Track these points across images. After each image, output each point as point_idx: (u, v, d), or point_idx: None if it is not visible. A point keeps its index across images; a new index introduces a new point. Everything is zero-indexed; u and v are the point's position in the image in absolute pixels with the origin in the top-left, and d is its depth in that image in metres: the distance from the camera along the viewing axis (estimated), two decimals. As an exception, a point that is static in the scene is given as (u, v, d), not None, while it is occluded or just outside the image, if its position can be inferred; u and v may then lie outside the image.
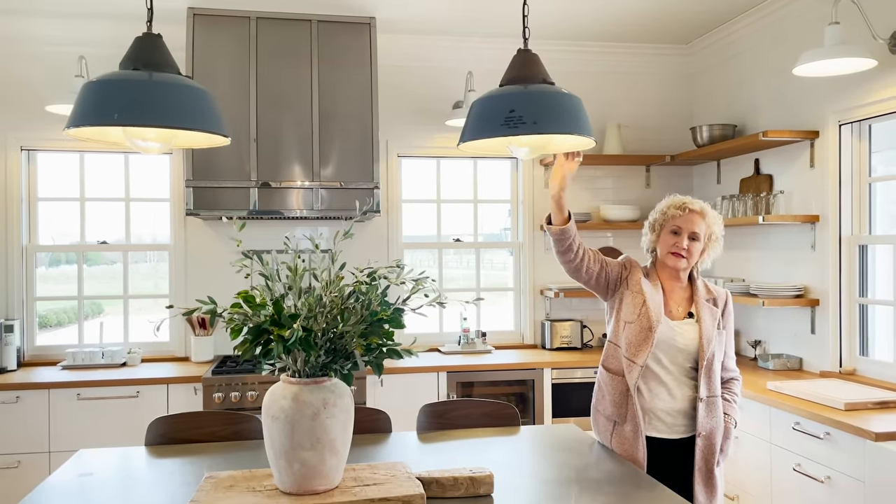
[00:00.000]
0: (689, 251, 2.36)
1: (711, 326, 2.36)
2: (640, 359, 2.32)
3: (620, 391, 2.37)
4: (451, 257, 4.87)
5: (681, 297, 2.43)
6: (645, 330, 2.32)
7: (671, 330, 2.35)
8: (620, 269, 2.45)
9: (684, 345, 2.34)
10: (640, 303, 2.35)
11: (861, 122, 3.51)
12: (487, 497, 1.93)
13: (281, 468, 1.79)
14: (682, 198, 2.43)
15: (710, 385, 2.34)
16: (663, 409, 2.35)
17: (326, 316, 1.78)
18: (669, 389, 2.35)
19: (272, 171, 4.02)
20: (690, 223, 2.36)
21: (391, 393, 3.96)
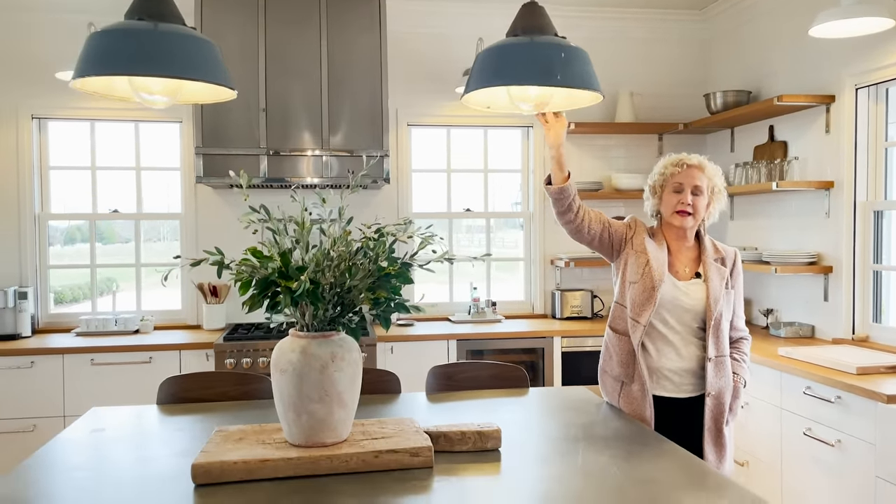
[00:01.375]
0: (694, 206, 2.32)
1: (719, 286, 2.33)
2: (644, 318, 2.30)
3: (627, 351, 2.37)
4: (462, 235, 4.86)
5: (688, 258, 2.40)
6: (648, 290, 2.30)
7: (677, 290, 2.33)
8: (625, 230, 2.42)
9: (691, 305, 2.32)
10: (643, 262, 2.33)
11: (878, 86, 3.45)
12: (495, 451, 1.93)
13: (290, 420, 1.80)
14: (678, 155, 2.41)
15: (719, 345, 2.32)
16: (671, 368, 2.34)
17: (334, 270, 1.78)
18: (677, 349, 2.33)
19: (281, 139, 4.01)
20: (691, 178, 2.32)
21: (401, 360, 3.98)
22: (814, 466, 2.97)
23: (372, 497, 1.61)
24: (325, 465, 1.74)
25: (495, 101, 2.28)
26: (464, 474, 1.76)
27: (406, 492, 1.64)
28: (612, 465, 1.82)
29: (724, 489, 1.64)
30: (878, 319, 3.51)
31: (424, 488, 1.67)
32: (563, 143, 2.34)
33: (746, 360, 2.42)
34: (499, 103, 2.29)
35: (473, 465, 1.83)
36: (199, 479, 1.68)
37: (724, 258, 2.40)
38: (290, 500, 1.60)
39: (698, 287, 2.34)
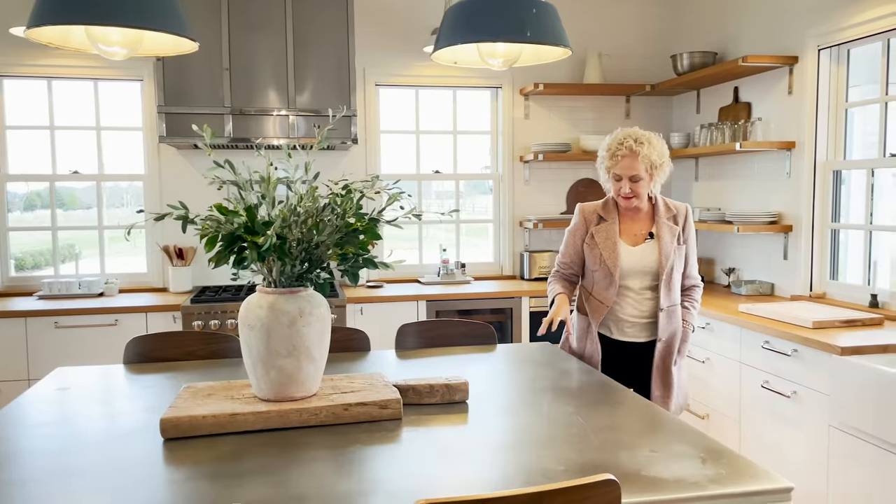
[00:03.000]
0: (634, 191, 2.48)
1: (670, 243, 2.52)
2: (609, 299, 2.54)
3: (582, 328, 2.63)
4: (432, 200, 4.85)
5: (643, 221, 2.58)
6: (608, 277, 2.53)
7: (633, 256, 2.53)
8: (581, 239, 2.62)
9: (647, 266, 2.53)
10: (597, 255, 2.55)
11: (840, 47, 3.50)
12: (462, 403, 1.97)
13: (258, 375, 1.81)
14: (619, 136, 2.50)
15: (670, 296, 2.54)
16: (629, 319, 2.56)
17: (301, 226, 1.77)
18: (635, 304, 2.56)
19: (247, 98, 3.94)
20: (627, 169, 2.47)
21: (371, 321, 4.00)
22: (771, 417, 3.08)
23: (342, 448, 1.64)
24: (294, 418, 1.75)
25: (464, 57, 2.27)
26: (432, 425, 1.79)
27: (375, 442, 1.67)
28: (577, 414, 1.87)
29: (682, 434, 1.70)
30: (835, 276, 3.61)
31: (393, 439, 1.70)
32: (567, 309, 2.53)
33: (697, 306, 2.64)
34: (467, 59, 2.28)
35: (441, 416, 1.87)
36: (167, 434, 1.68)
37: (675, 215, 2.57)
38: (260, 452, 1.62)
39: (651, 248, 2.53)
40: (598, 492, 1.25)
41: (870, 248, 3.42)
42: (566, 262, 2.65)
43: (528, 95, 4.71)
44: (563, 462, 1.54)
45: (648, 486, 1.41)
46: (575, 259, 2.63)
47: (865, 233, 3.43)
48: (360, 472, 1.50)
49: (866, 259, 3.43)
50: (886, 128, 3.30)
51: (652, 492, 1.38)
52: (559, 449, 1.62)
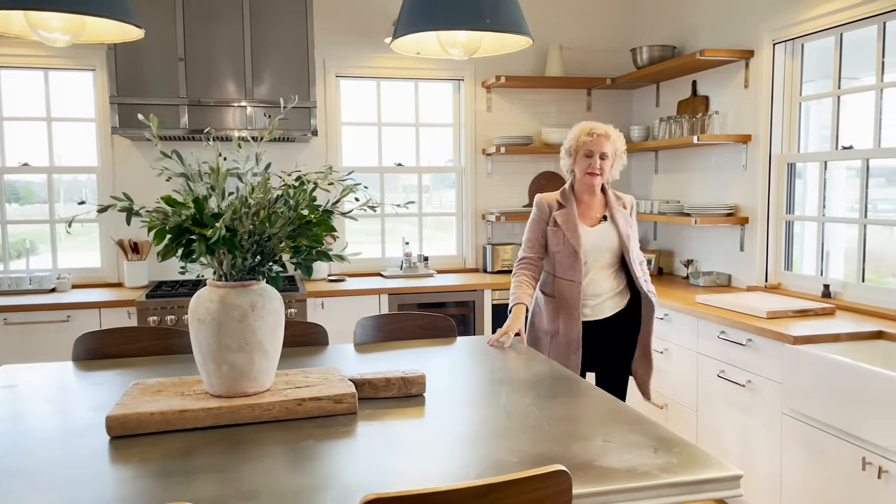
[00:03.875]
0: (601, 169, 2.77)
1: (626, 225, 2.82)
2: (577, 276, 2.76)
3: (553, 309, 2.80)
4: (397, 194, 4.81)
5: (597, 207, 2.86)
6: (572, 254, 2.76)
7: (593, 235, 2.79)
8: (545, 222, 2.84)
9: (609, 245, 2.79)
10: (561, 236, 2.79)
11: (794, 41, 3.56)
12: (419, 396, 1.96)
13: (209, 371, 1.77)
14: (590, 124, 2.80)
15: (632, 272, 2.79)
16: (594, 296, 2.80)
17: (252, 218, 1.74)
18: (596, 282, 2.80)
19: (203, 88, 3.86)
20: (600, 146, 2.76)
21: (332, 315, 3.96)
22: (727, 406, 3.13)
23: (295, 443, 1.61)
24: (246, 413, 1.72)
25: (425, 46, 2.25)
26: (388, 418, 1.78)
27: (329, 437, 1.65)
28: (534, 405, 1.87)
29: (635, 424, 1.71)
30: (789, 267, 3.69)
31: (348, 433, 1.68)
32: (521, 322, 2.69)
33: (648, 278, 2.88)
34: (429, 49, 2.26)
35: (398, 409, 1.85)
36: (113, 432, 1.64)
37: (624, 204, 2.88)
38: (210, 449, 1.58)
39: (608, 228, 2.81)
40: (549, 483, 1.25)
41: (822, 239, 3.49)
42: (532, 246, 2.84)
43: (490, 88, 4.71)
44: (518, 454, 1.54)
45: (600, 476, 1.41)
46: (541, 241, 2.84)
47: (818, 224, 3.50)
48: (312, 467, 1.48)
49: (819, 250, 3.51)
50: (839, 121, 3.37)
51: (603, 482, 1.38)
52: (514, 441, 1.62)
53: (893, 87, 3.06)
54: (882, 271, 3.29)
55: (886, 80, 3.09)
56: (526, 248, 2.84)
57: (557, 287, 2.79)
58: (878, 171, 3.28)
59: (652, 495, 1.39)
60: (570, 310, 2.75)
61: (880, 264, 3.29)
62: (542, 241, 2.83)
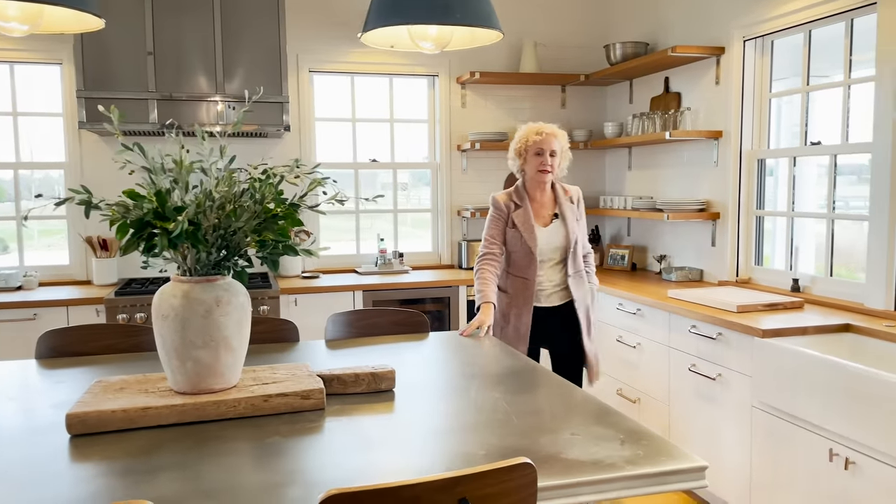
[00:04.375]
0: (552, 165, 2.94)
1: (573, 220, 3.00)
2: (531, 274, 2.95)
3: (506, 303, 3.01)
4: (376, 190, 4.79)
5: (548, 204, 3.02)
6: (528, 255, 2.94)
7: (546, 235, 2.97)
8: (504, 220, 2.99)
9: (558, 244, 2.98)
10: (518, 237, 2.95)
11: (764, 38, 3.60)
12: (389, 392, 1.95)
13: (174, 368, 1.74)
14: (537, 124, 2.97)
15: (576, 264, 3.01)
16: (545, 287, 2.99)
17: (217, 212, 1.71)
18: (550, 275, 2.99)
19: (173, 83, 3.80)
20: (549, 143, 2.92)
21: (306, 312, 3.93)
22: (698, 400, 3.16)
23: (260, 440, 1.59)
24: (211, 410, 1.70)
25: (397, 40, 2.24)
26: (356, 414, 1.76)
27: (296, 433, 1.63)
28: (503, 399, 1.86)
29: (603, 416, 1.72)
30: (759, 262, 3.73)
31: (315, 429, 1.66)
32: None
33: (592, 268, 3.12)
34: (401, 43, 2.24)
35: (366, 405, 1.84)
36: (74, 430, 1.61)
37: (571, 197, 3.05)
38: (174, 447, 1.56)
39: (558, 227, 2.99)
40: (514, 475, 1.25)
41: (792, 234, 3.53)
42: (493, 241, 2.98)
43: (465, 84, 4.70)
44: (485, 447, 1.53)
45: (566, 468, 1.41)
46: (502, 237, 2.99)
47: (788, 220, 3.54)
48: (276, 464, 1.46)
49: (788, 245, 3.55)
50: (807, 117, 3.41)
51: (569, 474, 1.38)
52: (482, 434, 1.61)
53: (861, 83, 3.10)
54: (853, 266, 3.34)
55: (854, 77, 3.13)
56: (487, 244, 2.99)
57: (511, 283, 2.98)
58: (848, 168, 3.32)
59: (617, 487, 1.39)
60: (521, 304, 2.95)
61: (851, 259, 3.34)
62: (503, 237, 2.98)
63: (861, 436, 2.30)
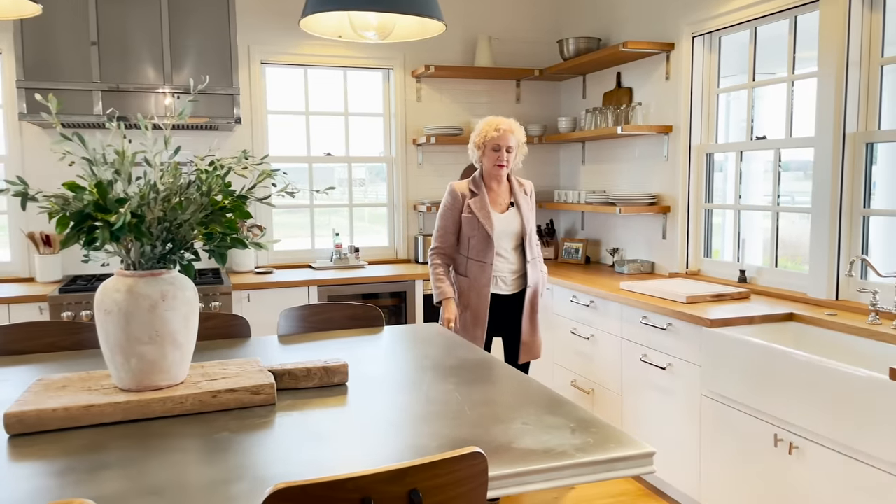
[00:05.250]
0: (508, 160, 3.10)
1: (528, 209, 3.17)
2: (489, 257, 3.08)
3: (465, 287, 3.12)
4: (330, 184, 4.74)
5: (504, 194, 3.19)
6: (485, 238, 3.08)
7: (503, 221, 3.12)
8: (458, 210, 3.12)
9: (514, 230, 3.13)
10: (475, 222, 3.08)
11: (712, 34, 3.67)
12: (342, 386, 1.93)
13: (117, 364, 1.69)
14: (496, 120, 3.09)
15: (532, 251, 3.17)
16: (506, 275, 3.14)
17: (162, 204, 1.67)
18: (509, 261, 3.13)
19: (120, 74, 3.70)
20: (505, 140, 3.07)
21: (259, 309, 3.87)
22: (649, 389, 3.21)
23: (208, 436, 1.56)
24: (157, 407, 1.66)
25: (341, 29, 2.21)
26: (308, 408, 1.74)
27: (245, 429, 1.60)
28: (456, 391, 1.86)
29: (555, 406, 1.73)
30: (708, 254, 3.81)
31: (265, 424, 1.64)
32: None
33: (541, 256, 3.26)
34: (346, 32, 2.22)
35: (319, 399, 1.82)
36: (12, 430, 1.55)
37: (525, 189, 3.23)
38: (118, 445, 1.52)
39: (514, 214, 3.15)
40: (465, 465, 1.25)
41: (739, 227, 3.62)
42: (444, 235, 3.13)
43: (420, 78, 4.69)
44: (438, 438, 1.53)
45: (518, 457, 1.42)
46: (453, 229, 3.13)
47: (735, 213, 3.63)
48: (224, 459, 1.43)
49: (736, 238, 3.63)
50: (753, 113, 3.49)
51: (521, 463, 1.39)
52: (435, 426, 1.61)
53: (804, 79, 3.19)
54: (799, 258, 3.44)
55: (798, 73, 3.22)
56: (439, 238, 3.14)
57: (470, 268, 3.12)
58: (795, 164, 3.42)
59: (567, 475, 1.41)
60: (480, 288, 3.09)
61: (797, 251, 3.44)
62: (454, 228, 3.13)
63: (804, 421, 2.37)
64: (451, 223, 3.12)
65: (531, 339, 3.18)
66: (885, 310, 2.71)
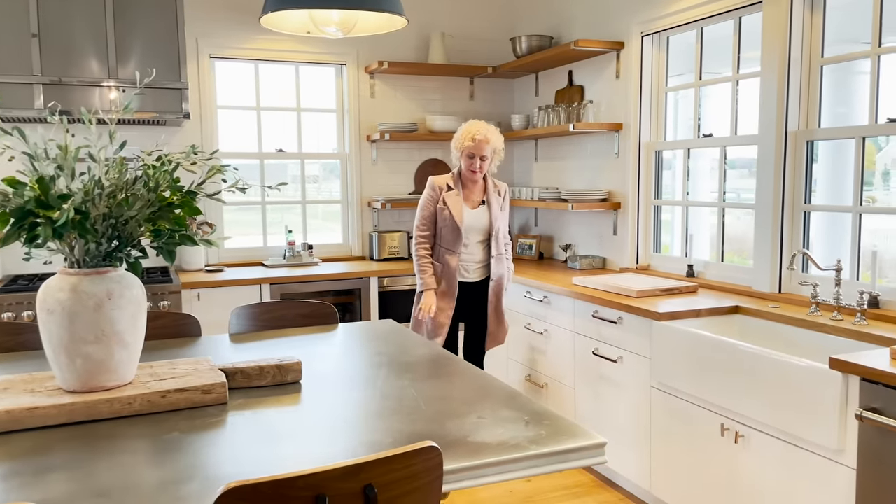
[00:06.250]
0: (481, 168, 3.35)
1: (497, 209, 3.43)
2: (458, 248, 3.38)
3: (439, 271, 3.42)
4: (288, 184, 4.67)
5: (478, 192, 3.45)
6: (455, 230, 3.36)
7: (473, 215, 3.40)
8: (436, 201, 3.40)
9: (482, 225, 3.41)
10: (447, 215, 3.36)
11: (660, 34, 3.75)
12: (295, 384, 1.91)
13: (62, 365, 1.65)
14: (474, 128, 3.30)
15: (498, 247, 3.44)
16: (469, 264, 3.44)
17: (107, 200, 1.62)
18: (473, 253, 3.42)
19: (62, 67, 3.58)
20: (480, 150, 3.31)
21: (210, 308, 3.80)
22: (601, 382, 3.27)
23: (157, 437, 1.53)
24: (104, 408, 1.62)
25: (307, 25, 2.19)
26: (261, 407, 1.72)
27: (196, 429, 1.58)
28: (411, 387, 1.87)
29: (509, 400, 1.75)
30: (657, 250, 3.89)
31: (217, 424, 1.61)
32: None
33: (510, 255, 3.53)
34: (310, 28, 2.20)
35: (272, 397, 1.80)
36: (-51, 435, 1.49)
37: (500, 190, 3.48)
38: (63, 447, 1.47)
39: (484, 211, 3.42)
40: (420, 459, 1.25)
41: (687, 223, 3.71)
42: (426, 223, 3.40)
43: (374, 74, 4.66)
44: (393, 434, 1.53)
45: (472, 451, 1.43)
46: (433, 218, 3.40)
47: (683, 209, 3.72)
48: (174, 460, 1.40)
49: (684, 233, 3.72)
50: (700, 111, 3.58)
51: (475, 456, 1.40)
52: (390, 422, 1.61)
53: (748, 78, 3.29)
54: (745, 253, 3.53)
55: (742, 73, 3.32)
56: (421, 226, 3.41)
57: (442, 255, 3.40)
58: (741, 162, 3.52)
59: (521, 467, 1.42)
60: (450, 272, 3.38)
61: (743, 246, 3.54)
62: (433, 218, 3.40)
63: (749, 410, 2.45)
64: (430, 213, 3.40)
65: (497, 329, 3.50)
66: (825, 301, 2.81)
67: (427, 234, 3.41)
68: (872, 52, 2.73)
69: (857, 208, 2.82)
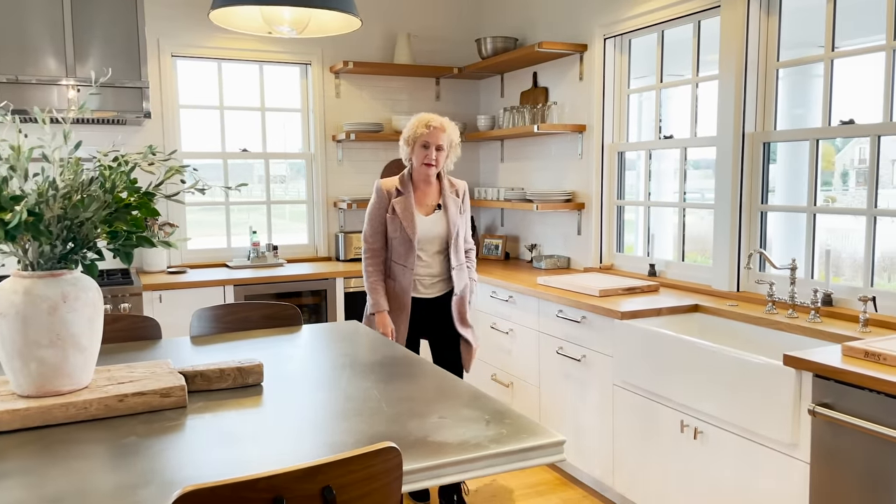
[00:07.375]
0: (437, 160, 2.94)
1: (456, 213, 3.03)
2: (410, 262, 2.97)
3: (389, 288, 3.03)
4: (255, 185, 4.63)
5: (433, 194, 3.05)
6: (407, 242, 2.96)
7: (427, 224, 2.99)
8: (384, 209, 2.99)
9: (437, 233, 3.00)
10: (398, 224, 2.96)
11: (623, 37, 3.80)
12: (257, 386, 1.90)
13: (16, 370, 1.61)
14: (427, 116, 2.95)
15: (458, 256, 3.05)
16: (425, 279, 3.03)
17: (62, 201, 1.60)
18: (429, 265, 3.02)
19: (17, 65, 3.50)
20: (436, 138, 2.93)
21: (172, 310, 3.75)
22: (564, 380, 3.31)
23: (114, 441, 1.51)
24: (59, 413, 1.59)
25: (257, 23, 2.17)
26: (221, 410, 1.71)
27: (154, 433, 1.56)
28: (374, 388, 1.87)
29: (471, 400, 1.76)
30: (620, 249, 3.95)
31: (175, 427, 1.59)
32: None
33: (473, 264, 3.17)
34: (261, 26, 2.18)
35: (233, 400, 1.79)
36: None
37: (457, 190, 3.08)
38: (17, 453, 1.44)
39: (440, 217, 3.01)
40: (379, 460, 1.26)
41: (649, 223, 3.77)
42: (375, 236, 3.01)
43: (339, 73, 4.65)
44: (355, 435, 1.53)
45: (433, 450, 1.44)
46: (382, 229, 3.00)
47: (645, 209, 3.78)
48: (132, 464, 1.39)
49: (646, 233, 3.78)
50: (662, 112, 3.64)
51: (436, 456, 1.41)
52: (352, 423, 1.61)
53: (707, 81, 3.35)
54: (706, 253, 3.60)
55: (701, 75, 3.38)
56: (370, 239, 3.01)
57: (393, 270, 3.01)
58: (704, 163, 3.58)
59: (482, 466, 1.44)
60: (402, 289, 2.99)
61: (704, 246, 3.61)
62: (383, 228, 3.01)
63: (707, 407, 2.50)
64: (379, 223, 2.99)
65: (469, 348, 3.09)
66: (781, 300, 2.88)
67: (377, 248, 3.00)
68: (826, 55, 2.81)
69: (811, 208, 2.89)
